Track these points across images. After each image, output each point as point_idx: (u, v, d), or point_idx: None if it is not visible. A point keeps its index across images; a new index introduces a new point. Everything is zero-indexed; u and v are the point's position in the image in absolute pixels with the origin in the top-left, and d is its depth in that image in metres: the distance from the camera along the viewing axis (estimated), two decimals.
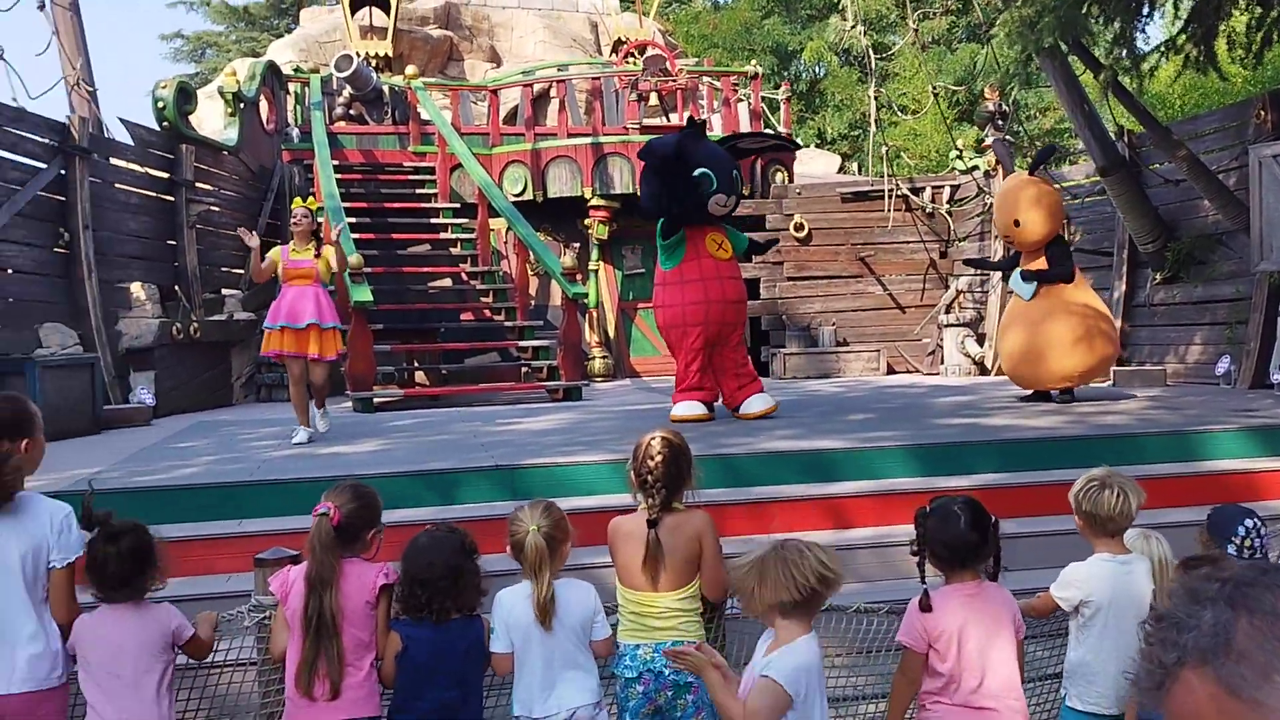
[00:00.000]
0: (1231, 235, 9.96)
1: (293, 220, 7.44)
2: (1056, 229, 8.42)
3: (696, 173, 7.37)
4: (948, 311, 13.38)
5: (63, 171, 10.06)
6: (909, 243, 14.32)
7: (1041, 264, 8.26)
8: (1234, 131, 10.23)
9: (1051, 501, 5.02)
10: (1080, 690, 3.16)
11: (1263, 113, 9.49)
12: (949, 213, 14.17)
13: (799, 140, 17.51)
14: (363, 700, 2.92)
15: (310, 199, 7.73)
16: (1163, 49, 9.95)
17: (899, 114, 19.73)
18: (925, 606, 2.94)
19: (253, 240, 7.37)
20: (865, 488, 5.81)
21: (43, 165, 9.85)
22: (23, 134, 9.74)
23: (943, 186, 14.30)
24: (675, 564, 3.13)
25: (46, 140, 9.97)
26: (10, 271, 9.52)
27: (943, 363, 13.15)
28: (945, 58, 23.14)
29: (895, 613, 3.67)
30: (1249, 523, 3.28)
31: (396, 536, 3.36)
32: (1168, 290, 10.85)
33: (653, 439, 3.23)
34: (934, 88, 15.33)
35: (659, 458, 3.17)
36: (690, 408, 7.62)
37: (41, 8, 12.02)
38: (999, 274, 11.77)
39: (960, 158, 14.41)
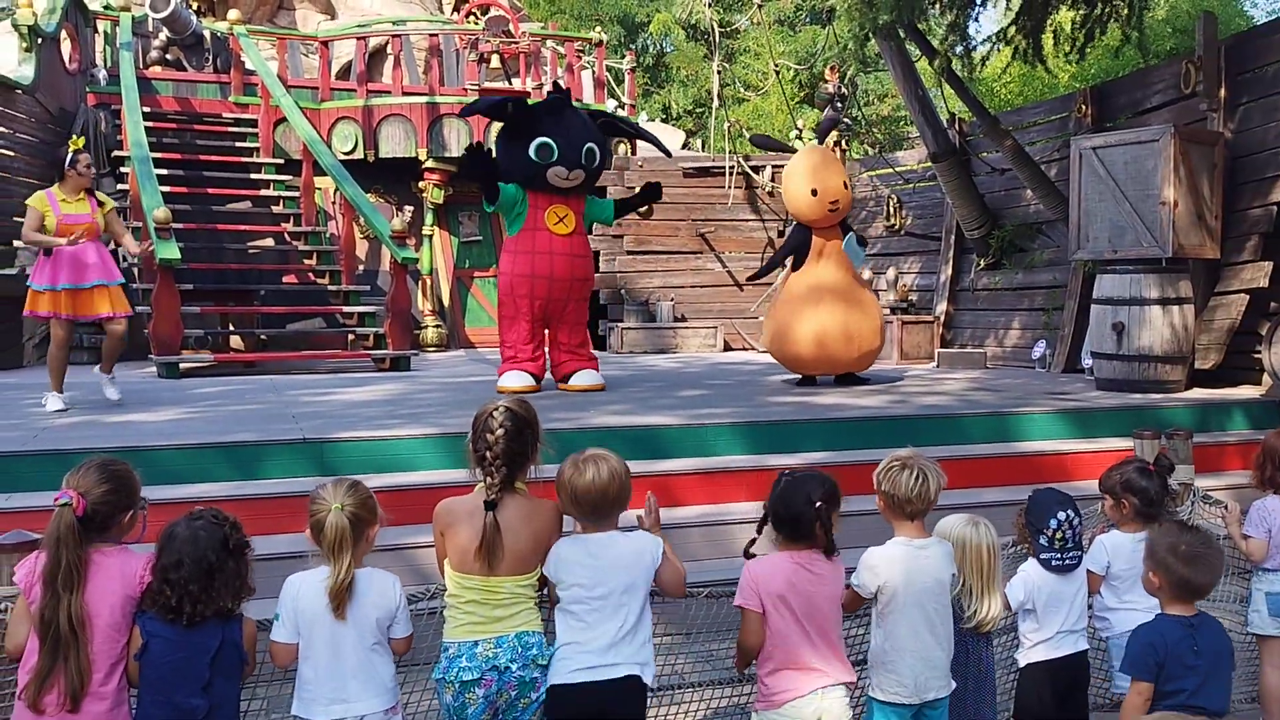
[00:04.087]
0: (1051, 225, 10.35)
1: (79, 168, 6.53)
2: None
3: (536, 142, 7.13)
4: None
5: None
6: (748, 220, 14.38)
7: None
8: (1057, 124, 10.62)
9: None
10: (880, 679, 3.05)
11: (1084, 106, 9.87)
12: None
13: (639, 116, 17.32)
14: (108, 712, 2.53)
15: (78, 138, 6.80)
16: (994, 39, 10.23)
17: (744, 92, 19.83)
18: (749, 554, 2.94)
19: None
20: (696, 465, 5.70)
21: None
22: None
23: (783, 166, 14.38)
24: (520, 554, 2.82)
25: None
26: None
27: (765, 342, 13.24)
28: (789, 39, 23.41)
29: (718, 596, 3.52)
30: (1061, 515, 3.28)
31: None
32: (990, 276, 11.22)
33: (495, 409, 2.88)
34: (775, 65, 15.40)
35: (500, 431, 2.82)
36: (518, 378, 7.42)
37: None
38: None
39: (800, 138, 14.53)
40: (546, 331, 7.63)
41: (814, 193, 7.90)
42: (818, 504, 2.87)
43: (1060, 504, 3.31)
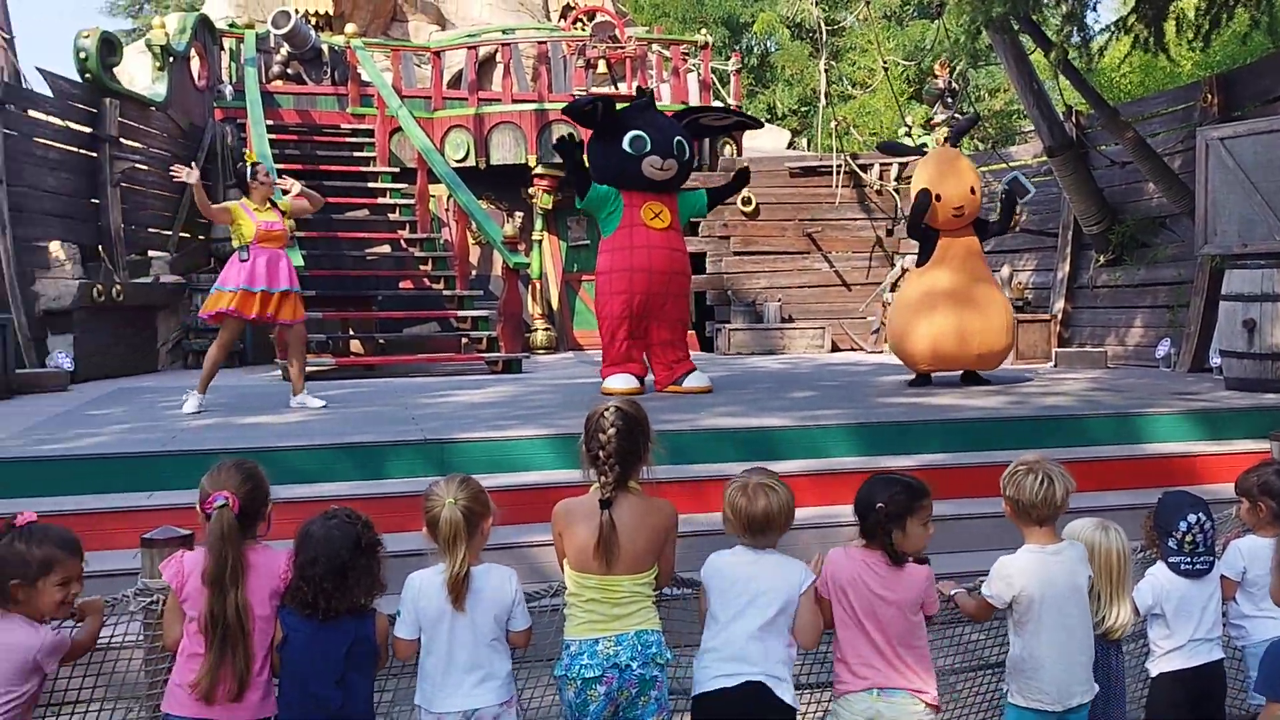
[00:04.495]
0: (1175, 218, 9.98)
1: (259, 178, 7.05)
2: None
3: (629, 134, 7.21)
4: (892, 289, 13.30)
5: None
6: (855, 220, 14.22)
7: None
8: (1181, 114, 10.23)
9: (995, 483, 4.92)
10: (1021, 686, 3.03)
11: (1210, 95, 9.48)
12: (896, 190, 14.08)
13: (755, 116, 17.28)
14: (261, 700, 2.69)
15: (251, 152, 7.41)
16: (1113, 29, 9.91)
17: (851, 89, 19.61)
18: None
19: (191, 176, 6.90)
20: (808, 467, 5.67)
21: None
22: None
23: (891, 164, 14.18)
24: (636, 551, 2.88)
25: None
26: None
27: (886, 341, 13.07)
28: (897, 34, 23.04)
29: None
30: (1192, 518, 3.19)
31: (312, 515, 3.10)
32: (1110, 272, 10.87)
33: (606, 410, 2.95)
34: (884, 62, 15.18)
35: (611, 430, 2.89)
36: (624, 380, 7.44)
37: None
38: None
39: (909, 135, 14.31)
40: (646, 332, 7.61)
41: (937, 198, 7.81)
42: (878, 506, 2.88)
43: (1191, 506, 3.22)
